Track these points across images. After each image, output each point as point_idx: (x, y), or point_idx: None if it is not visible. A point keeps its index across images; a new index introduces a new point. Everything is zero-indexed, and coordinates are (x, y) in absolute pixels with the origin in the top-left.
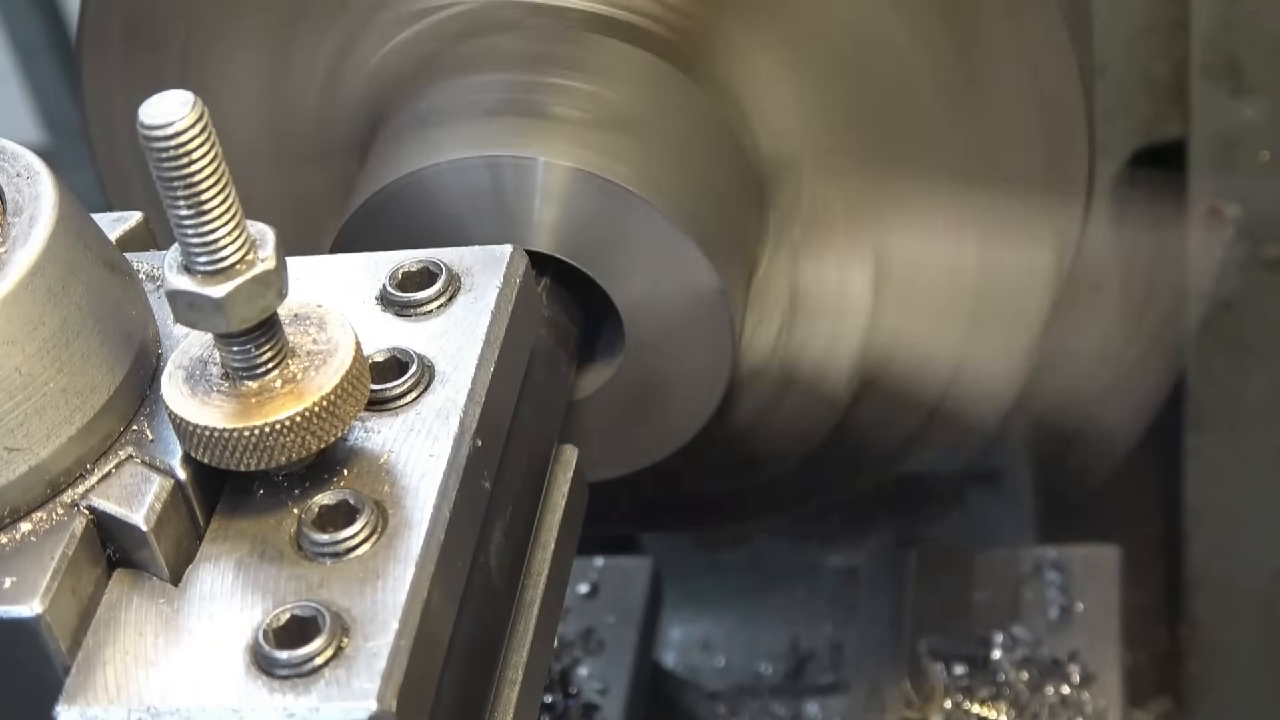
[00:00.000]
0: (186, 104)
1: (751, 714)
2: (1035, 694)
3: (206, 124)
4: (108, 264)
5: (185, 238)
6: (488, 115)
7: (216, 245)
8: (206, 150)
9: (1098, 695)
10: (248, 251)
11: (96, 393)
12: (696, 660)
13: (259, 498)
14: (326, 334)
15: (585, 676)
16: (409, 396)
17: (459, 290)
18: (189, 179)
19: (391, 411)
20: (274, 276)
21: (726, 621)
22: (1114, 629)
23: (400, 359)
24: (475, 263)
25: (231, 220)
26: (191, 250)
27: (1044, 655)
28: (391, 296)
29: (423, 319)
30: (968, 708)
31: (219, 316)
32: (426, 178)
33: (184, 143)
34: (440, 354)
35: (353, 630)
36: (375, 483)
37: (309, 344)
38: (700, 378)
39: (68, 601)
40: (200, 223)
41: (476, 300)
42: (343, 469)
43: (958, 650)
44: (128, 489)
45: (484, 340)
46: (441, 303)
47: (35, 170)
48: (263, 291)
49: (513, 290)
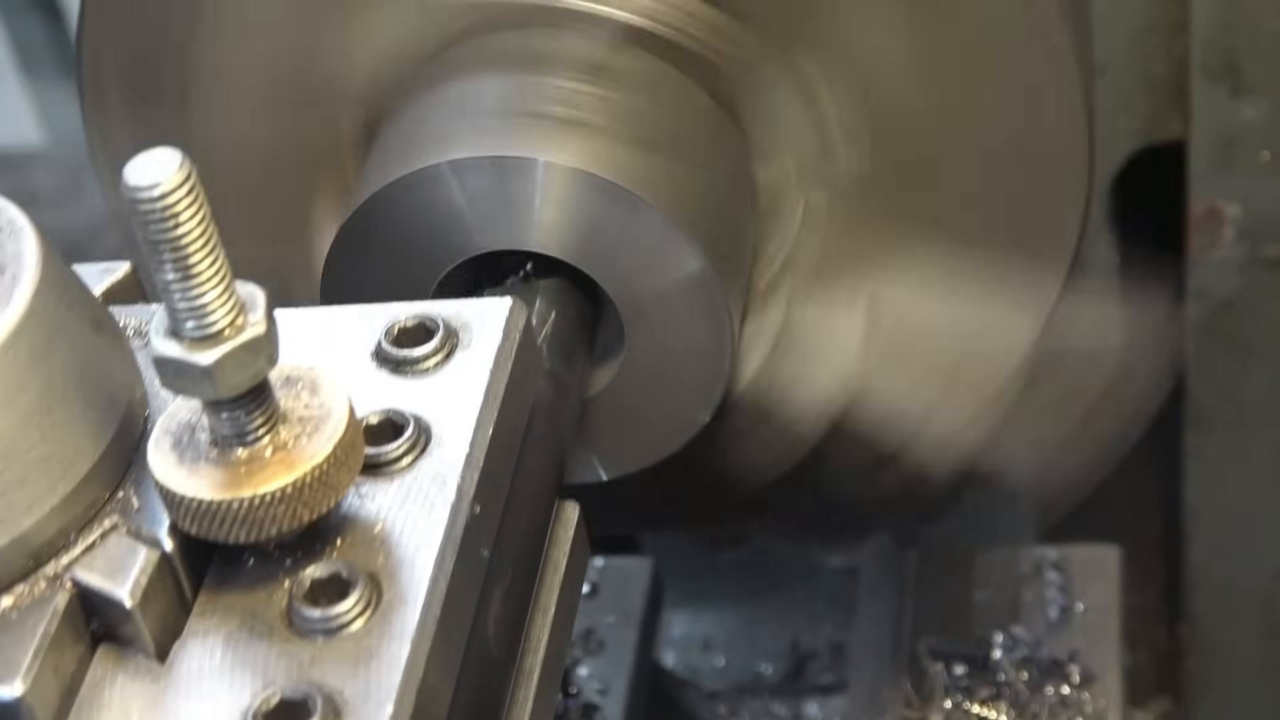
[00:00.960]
0: (174, 163)
1: (751, 714)
2: (1035, 694)
3: (194, 184)
4: (93, 323)
5: (172, 302)
6: (489, 115)
7: (204, 310)
8: (194, 211)
9: (1098, 695)
10: (237, 315)
11: (81, 460)
12: (696, 660)
13: (249, 568)
14: (319, 398)
15: (585, 676)
16: (405, 461)
17: (456, 346)
18: (176, 242)
19: (387, 476)
20: (264, 342)
21: (726, 621)
22: (1114, 629)
23: (396, 421)
24: (473, 317)
25: (220, 283)
26: (178, 315)
27: (1044, 655)
28: (387, 353)
29: (419, 376)
30: (968, 708)
31: (207, 384)
32: (427, 177)
33: (171, 204)
34: (437, 415)
35: (345, 713)
36: (369, 553)
37: (301, 409)
38: (699, 378)
39: (50, 681)
40: (188, 287)
41: (475, 357)
42: (336, 538)
43: (958, 650)
44: (112, 561)
45: (482, 400)
46: (438, 360)
47: (18, 225)
48: (253, 358)
49: (512, 346)
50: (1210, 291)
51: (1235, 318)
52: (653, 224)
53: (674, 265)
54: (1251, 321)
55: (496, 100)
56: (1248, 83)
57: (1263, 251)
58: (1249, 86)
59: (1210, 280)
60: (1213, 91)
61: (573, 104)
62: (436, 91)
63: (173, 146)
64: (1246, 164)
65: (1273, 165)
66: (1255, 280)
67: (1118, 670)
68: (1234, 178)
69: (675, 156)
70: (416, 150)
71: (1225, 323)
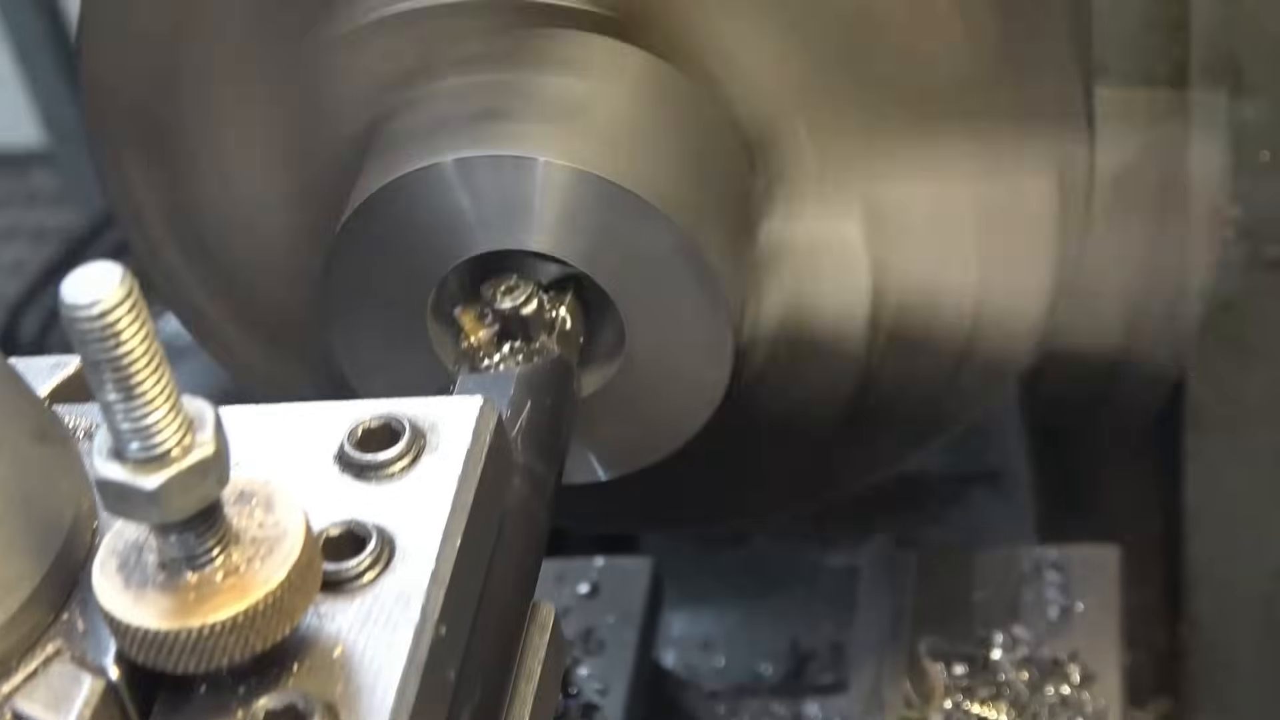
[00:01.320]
0: (114, 280)
1: (751, 714)
2: (1035, 694)
3: (136, 299)
4: (36, 434)
5: (115, 423)
6: (489, 115)
7: (149, 430)
8: (137, 328)
9: (1098, 695)
10: (184, 435)
11: (22, 583)
12: (696, 660)
13: (200, 696)
14: (274, 516)
15: (585, 676)
16: (367, 577)
17: (424, 449)
18: (118, 361)
19: (348, 594)
20: (213, 464)
21: (726, 621)
22: (1114, 629)
23: (357, 533)
24: (441, 417)
25: (166, 402)
26: (122, 435)
27: (1044, 655)
28: (350, 457)
29: (384, 482)
30: (968, 708)
31: (153, 509)
32: (427, 177)
33: (112, 322)
34: (402, 525)
35: None
36: (328, 680)
37: (254, 528)
38: (700, 377)
39: None
40: (131, 407)
41: (443, 461)
42: (293, 662)
43: (958, 650)
44: (55, 691)
45: (450, 510)
46: (404, 465)
47: None
48: (200, 481)
49: (482, 449)
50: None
51: (1235, 318)
52: (653, 223)
53: (674, 265)
54: (1251, 322)
55: (496, 100)
56: (1248, 83)
57: (1263, 251)
58: (1249, 86)
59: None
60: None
61: (573, 104)
62: (437, 91)
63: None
64: (1246, 164)
65: (1273, 165)
66: (1255, 280)
67: (1118, 670)
68: (1234, 178)
69: (675, 156)
70: (416, 149)
71: (1225, 323)
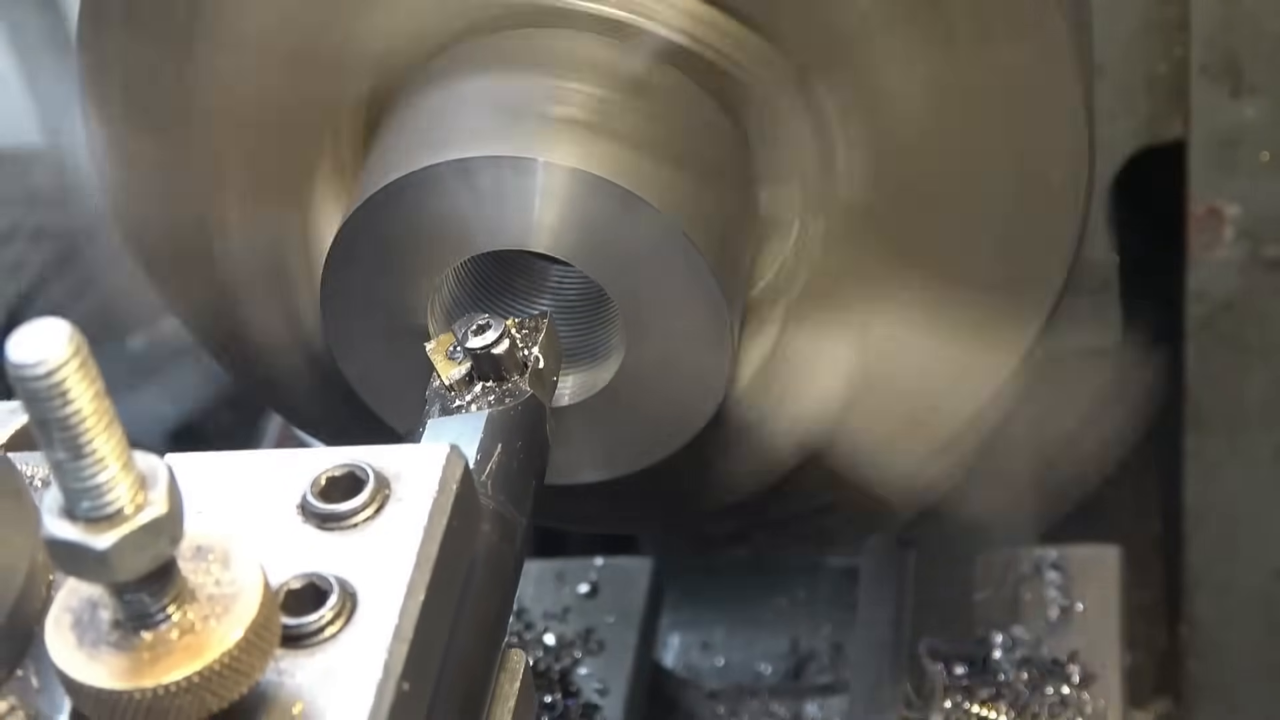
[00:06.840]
0: (61, 338)
1: (751, 714)
2: (1035, 694)
3: (85, 358)
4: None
5: (65, 481)
6: (489, 115)
7: (100, 489)
8: (86, 386)
9: (1098, 695)
10: (136, 493)
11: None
12: (696, 660)
13: None
14: (230, 573)
15: (585, 676)
16: (328, 632)
17: (388, 499)
18: (66, 420)
19: (308, 649)
20: (166, 522)
21: (726, 621)
22: (1114, 629)
23: (319, 586)
24: (406, 466)
25: (116, 460)
26: (72, 494)
27: (1044, 655)
28: (313, 507)
29: (347, 532)
30: (968, 708)
31: (104, 569)
32: (427, 177)
33: (59, 381)
34: (364, 577)
35: None
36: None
37: (211, 585)
38: (699, 379)
39: None
40: (80, 466)
41: (407, 511)
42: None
43: (958, 650)
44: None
45: (414, 563)
46: (368, 515)
47: None
48: (153, 540)
49: (448, 499)
50: (1210, 291)
51: (1235, 318)
52: (653, 224)
53: (674, 265)
54: (1251, 321)
55: (497, 100)
56: (1248, 83)
57: (1263, 251)
58: (1249, 86)
59: (1210, 280)
60: (1213, 91)
61: (573, 104)
62: (437, 91)
63: (61, 320)
64: (1246, 164)
65: (1273, 165)
66: (1255, 280)
67: (1118, 670)
68: (1234, 178)
69: (676, 159)
70: (417, 150)
71: (1225, 323)
